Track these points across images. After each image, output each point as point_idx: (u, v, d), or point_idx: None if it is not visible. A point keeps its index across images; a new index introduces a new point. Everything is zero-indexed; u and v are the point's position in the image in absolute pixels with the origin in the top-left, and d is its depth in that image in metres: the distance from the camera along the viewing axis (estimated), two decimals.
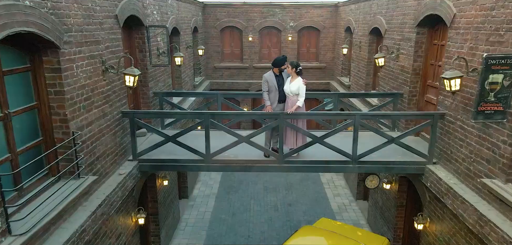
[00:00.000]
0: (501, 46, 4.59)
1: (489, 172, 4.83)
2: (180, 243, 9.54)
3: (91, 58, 5.13)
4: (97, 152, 5.32)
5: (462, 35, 5.50)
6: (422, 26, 7.09)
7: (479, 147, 5.05)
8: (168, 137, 6.43)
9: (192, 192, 12.31)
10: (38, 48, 4.24)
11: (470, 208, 4.91)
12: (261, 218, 10.78)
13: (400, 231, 8.19)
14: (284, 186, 12.85)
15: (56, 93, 4.46)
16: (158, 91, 8.19)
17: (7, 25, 3.41)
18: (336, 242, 7.15)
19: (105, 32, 5.54)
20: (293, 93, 6.32)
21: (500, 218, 4.46)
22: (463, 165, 5.45)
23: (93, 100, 5.21)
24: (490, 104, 4.48)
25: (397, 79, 8.13)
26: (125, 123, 6.33)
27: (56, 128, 4.56)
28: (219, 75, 15.59)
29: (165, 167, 6.79)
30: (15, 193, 3.92)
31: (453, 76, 4.94)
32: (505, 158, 4.52)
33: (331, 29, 14.92)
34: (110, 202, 5.31)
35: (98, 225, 4.91)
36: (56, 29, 4.21)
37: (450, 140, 5.84)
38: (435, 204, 6.18)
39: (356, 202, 11.60)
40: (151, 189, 8.16)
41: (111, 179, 5.70)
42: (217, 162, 6.51)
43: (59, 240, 4.02)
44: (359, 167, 6.49)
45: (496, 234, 4.38)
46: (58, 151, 4.57)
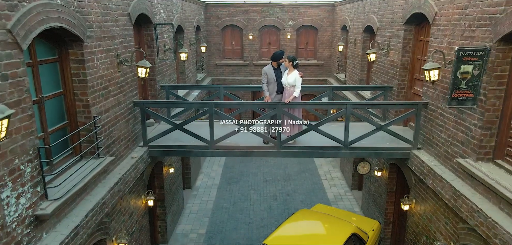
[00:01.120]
0: (473, 40, 5.18)
1: (463, 152, 5.43)
2: (184, 228, 10.14)
3: (108, 52, 5.72)
4: (113, 136, 5.91)
5: (442, 31, 6.09)
6: (409, 23, 7.67)
7: (455, 131, 5.65)
8: (175, 125, 7.02)
9: (195, 183, 12.91)
10: (65, 42, 4.83)
11: (447, 185, 5.50)
12: (260, 206, 11.37)
13: (390, 215, 8.78)
14: (283, 178, 13.45)
15: (79, 81, 5.05)
16: (164, 84, 8.78)
17: (44, 20, 4.00)
18: (331, 223, 7.76)
19: (119, 29, 6.13)
20: (290, 85, 6.92)
21: (471, 192, 5.06)
22: (442, 148, 6.05)
23: (110, 89, 5.80)
24: (462, 91, 5.07)
25: (387, 73, 8.72)
26: (136, 112, 6.92)
27: (79, 112, 5.16)
28: (220, 72, 16.19)
29: (173, 152, 7.36)
30: (47, 167, 4.51)
31: (432, 67, 5.53)
32: (476, 139, 5.12)
33: (328, 27, 15.52)
34: (125, 181, 5.91)
35: (115, 200, 5.51)
36: (81, 25, 4.81)
37: (432, 126, 6.44)
38: (420, 186, 6.77)
39: (351, 192, 12.19)
40: (158, 176, 8.75)
41: (125, 161, 6.30)
42: (220, 148, 7.10)
43: (85, 209, 4.62)
44: (350, 152, 7.09)
45: (466, 205, 4.97)
46: (80, 133, 5.17)
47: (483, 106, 4.97)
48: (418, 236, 6.88)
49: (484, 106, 4.96)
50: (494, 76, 4.83)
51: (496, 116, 4.93)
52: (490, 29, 4.79)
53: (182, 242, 9.48)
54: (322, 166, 14.47)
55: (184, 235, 9.83)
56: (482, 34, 4.98)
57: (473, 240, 5.00)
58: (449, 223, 5.68)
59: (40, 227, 3.94)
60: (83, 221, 4.48)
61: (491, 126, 4.98)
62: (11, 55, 3.49)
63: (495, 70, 4.81)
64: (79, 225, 4.38)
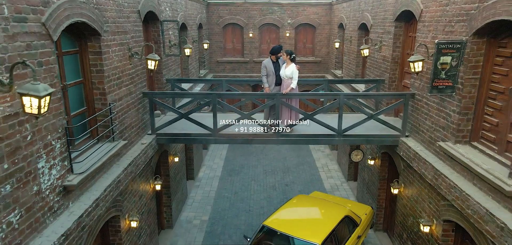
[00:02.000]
0: (452, 35, 5.73)
1: (444, 136, 5.98)
2: (188, 215, 10.69)
3: (121, 45, 6.27)
4: (125, 122, 6.46)
5: (427, 27, 6.64)
6: (399, 20, 8.22)
7: (437, 118, 6.20)
8: (181, 114, 7.57)
9: (197, 174, 13.46)
10: (84, 35, 5.38)
11: (429, 167, 6.06)
12: (260, 195, 11.92)
13: (382, 201, 9.33)
14: (282, 170, 14.00)
15: (97, 71, 5.60)
16: (170, 78, 9.33)
17: (70, 15, 4.55)
18: (326, 206, 8.32)
19: (130, 24, 6.68)
20: (288, 77, 7.47)
21: (449, 171, 5.61)
22: (427, 134, 6.60)
23: (123, 80, 6.35)
24: (442, 80, 5.62)
25: (380, 68, 9.27)
26: (145, 102, 7.47)
27: (97, 99, 5.71)
28: (221, 69, 16.74)
29: (179, 140, 7.91)
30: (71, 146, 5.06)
31: (416, 59, 6.08)
32: (454, 124, 5.67)
33: (326, 26, 16.07)
34: (136, 164, 6.47)
35: (128, 180, 6.06)
36: (99, 20, 5.36)
37: (418, 115, 6.99)
38: (408, 171, 7.32)
39: (347, 183, 12.74)
40: (164, 165, 9.30)
41: (135, 147, 6.85)
42: (223, 135, 7.64)
43: (104, 184, 5.18)
44: (344, 139, 7.64)
45: (445, 183, 5.53)
46: (97, 118, 5.71)
47: (461, 93, 5.52)
48: (406, 217, 7.43)
49: (461, 93, 5.51)
50: (469, 66, 5.38)
51: (472, 102, 5.48)
52: (466, 24, 5.34)
53: (186, 228, 10.02)
54: (319, 159, 15.02)
55: (188, 221, 10.38)
56: (460, 28, 5.53)
57: (452, 214, 5.56)
58: (432, 202, 6.23)
59: (67, 197, 4.49)
60: (102, 194, 5.03)
61: (467, 111, 5.53)
62: (44, 45, 4.04)
63: (471, 61, 5.36)
64: (99, 198, 4.93)
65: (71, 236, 4.22)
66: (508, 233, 4.12)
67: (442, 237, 5.97)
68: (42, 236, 3.92)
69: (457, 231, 5.89)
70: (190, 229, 9.99)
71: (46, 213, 4.07)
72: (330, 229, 7.20)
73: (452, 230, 5.92)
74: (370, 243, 9.16)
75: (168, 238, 9.48)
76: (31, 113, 3.22)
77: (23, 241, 3.68)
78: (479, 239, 4.86)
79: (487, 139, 5.35)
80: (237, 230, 9.83)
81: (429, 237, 6.35)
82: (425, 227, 6.27)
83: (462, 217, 5.23)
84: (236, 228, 9.97)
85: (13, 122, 3.52)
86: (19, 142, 3.63)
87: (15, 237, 3.57)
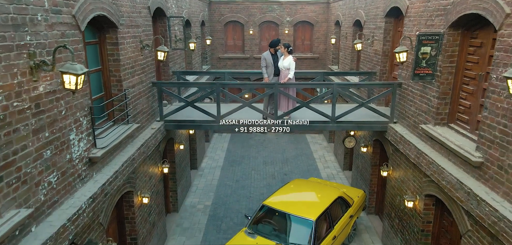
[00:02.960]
0: (432, 28, 6.38)
1: (426, 120, 6.64)
2: (192, 201, 11.35)
3: (134, 38, 6.92)
4: (138, 108, 7.12)
5: (412, 22, 7.30)
6: (389, 16, 8.87)
7: (420, 103, 6.85)
8: (187, 102, 8.23)
9: (200, 164, 14.12)
10: (103, 28, 6.03)
11: (413, 147, 6.72)
12: (260, 183, 12.58)
13: (374, 186, 9.99)
14: (281, 160, 14.66)
15: (114, 60, 6.26)
16: (176, 70, 9.99)
17: (93, 9, 5.20)
18: (321, 188, 8.99)
19: (142, 19, 7.34)
20: (285, 68, 8.13)
21: (429, 150, 6.27)
22: (411, 119, 7.26)
23: (135, 69, 7.01)
24: (422, 68, 6.27)
25: (372, 61, 9.93)
26: (154, 91, 8.12)
27: (113, 86, 6.37)
28: (223, 65, 17.38)
29: (185, 126, 8.57)
30: None
31: (401, 50, 6.74)
32: (434, 108, 6.32)
33: (323, 23, 16.72)
34: (147, 145, 7.12)
35: (141, 159, 6.72)
36: (116, 14, 6.01)
37: (404, 102, 7.64)
38: (395, 155, 7.97)
39: (343, 172, 13.40)
40: (170, 152, 9.95)
41: (146, 131, 7.51)
42: (226, 122, 8.29)
43: (121, 159, 5.85)
44: (337, 125, 8.29)
45: (425, 160, 6.18)
46: (113, 102, 6.37)
47: (439, 80, 6.17)
48: (394, 197, 8.08)
49: (439, 80, 6.16)
50: (446, 56, 6.03)
51: (449, 88, 6.14)
52: (443, 18, 6.00)
53: (191, 212, 10.68)
54: (317, 151, 15.69)
55: (192, 206, 11.04)
56: (439, 22, 6.18)
57: (432, 189, 6.21)
58: (415, 180, 6.89)
59: (92, 167, 5.14)
60: (120, 168, 5.69)
61: (445, 96, 6.19)
62: (74, 34, 4.69)
63: (448, 50, 6.01)
64: (118, 171, 5.59)
65: (97, 200, 4.88)
66: (473, 197, 4.78)
67: (424, 211, 6.63)
68: (74, 198, 4.58)
69: (437, 205, 6.54)
70: (195, 212, 10.65)
71: (76, 179, 4.73)
72: (324, 208, 7.86)
73: (432, 205, 6.58)
74: (362, 225, 9.82)
75: (174, 220, 10.14)
76: (69, 89, 3.87)
77: (59, 199, 4.34)
78: (452, 206, 5.52)
79: (462, 120, 6.01)
80: (239, 214, 10.48)
81: (413, 212, 7.01)
82: (409, 202, 6.93)
83: (439, 189, 5.89)
84: (238, 212, 10.62)
85: (52, 98, 4.17)
86: (56, 116, 4.28)
87: (53, 195, 4.22)
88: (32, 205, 3.82)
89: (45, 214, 4.06)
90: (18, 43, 3.61)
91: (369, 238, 9.27)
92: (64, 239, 4.06)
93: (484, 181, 4.85)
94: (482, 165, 4.88)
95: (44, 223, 3.98)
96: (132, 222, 6.90)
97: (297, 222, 7.60)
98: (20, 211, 3.55)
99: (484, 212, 4.55)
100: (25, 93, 3.71)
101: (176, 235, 9.49)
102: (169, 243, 9.11)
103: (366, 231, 9.59)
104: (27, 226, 3.72)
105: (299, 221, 7.57)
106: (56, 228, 3.93)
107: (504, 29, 4.48)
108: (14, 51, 3.55)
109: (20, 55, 3.64)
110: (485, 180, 4.83)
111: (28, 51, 3.75)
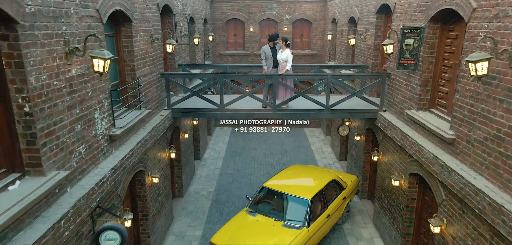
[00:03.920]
0: (415, 22, 7.07)
1: (410, 106, 7.33)
2: (196, 188, 12.04)
3: (146, 31, 7.61)
4: (148, 96, 7.81)
5: (399, 17, 7.98)
6: (380, 13, 9.55)
7: (405, 91, 7.54)
8: (193, 91, 8.92)
9: (203, 155, 14.82)
10: (119, 22, 6.72)
11: (398, 131, 7.41)
12: (260, 172, 13.27)
13: (367, 172, 10.69)
14: (280, 152, 15.36)
15: (128, 51, 6.95)
16: (181, 63, 10.67)
17: (113, 4, 5.89)
18: (316, 172, 9.69)
19: (152, 15, 8.02)
20: (283, 60, 8.82)
21: (412, 132, 6.96)
22: (398, 106, 7.95)
23: (146, 60, 7.69)
24: (406, 59, 6.96)
25: (365, 55, 10.62)
26: (162, 81, 8.80)
27: (127, 75, 7.05)
28: (224, 61, 18.05)
29: (190, 114, 9.25)
30: None
31: (388, 43, 7.43)
32: (417, 94, 7.01)
33: (321, 21, 17.41)
34: (157, 130, 7.81)
35: (152, 141, 7.41)
36: (131, 9, 6.69)
37: (392, 91, 8.33)
38: (385, 140, 8.66)
39: (339, 162, 14.09)
40: (176, 141, 10.64)
41: (156, 117, 8.20)
42: (228, 110, 8.98)
43: (136, 140, 6.54)
44: (331, 113, 8.98)
45: (409, 141, 6.88)
46: (128, 89, 7.05)
47: (421, 69, 6.86)
48: (383, 180, 8.77)
49: (421, 69, 6.85)
50: (427, 47, 6.72)
51: (429, 76, 6.83)
52: (424, 13, 6.68)
53: (195, 197, 11.38)
54: (315, 143, 16.39)
55: (196, 192, 11.73)
56: (421, 17, 6.87)
57: (415, 167, 6.90)
58: (401, 161, 7.58)
59: (112, 144, 5.84)
60: (135, 147, 6.38)
61: (426, 84, 6.88)
62: (98, 26, 5.38)
63: (428, 42, 6.70)
64: (133, 149, 6.28)
65: (117, 172, 5.57)
66: (446, 168, 5.47)
67: (408, 188, 7.32)
68: (98, 168, 5.27)
69: (420, 183, 7.23)
70: (199, 198, 11.35)
71: (99, 153, 5.42)
72: (319, 189, 8.56)
73: (416, 183, 7.27)
74: (356, 208, 10.52)
75: (180, 204, 10.84)
76: (98, 71, 4.56)
77: (87, 168, 5.03)
78: (431, 180, 6.21)
79: (441, 105, 6.71)
80: (240, 199, 11.17)
81: (399, 190, 7.70)
82: (396, 181, 7.62)
83: (420, 166, 6.58)
84: (239, 197, 11.31)
85: (81, 80, 4.86)
86: (84, 96, 4.97)
87: (83, 164, 4.91)
88: (68, 169, 4.51)
89: (77, 179, 4.75)
90: (57, 32, 4.30)
91: (361, 219, 9.97)
92: (92, 200, 4.75)
93: (456, 155, 5.54)
94: (454, 141, 5.57)
95: (76, 186, 4.67)
96: (144, 199, 7.59)
97: (294, 201, 8.29)
98: (59, 172, 4.24)
99: (453, 180, 5.24)
100: (62, 75, 4.40)
101: (182, 217, 10.19)
102: (175, 223, 9.81)
103: (359, 213, 10.29)
104: (64, 186, 4.41)
105: (296, 201, 8.26)
106: (86, 190, 4.62)
107: (472, 22, 5.16)
108: (54, 39, 4.24)
109: (58, 42, 4.33)
110: (456, 154, 5.52)
111: (64, 39, 4.44)
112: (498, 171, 4.55)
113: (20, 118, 3.86)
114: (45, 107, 4.07)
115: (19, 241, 3.48)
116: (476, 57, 4.23)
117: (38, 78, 3.94)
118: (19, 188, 3.78)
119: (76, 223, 4.34)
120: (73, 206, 4.24)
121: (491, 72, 4.58)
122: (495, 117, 4.60)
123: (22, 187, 3.81)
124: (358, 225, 9.73)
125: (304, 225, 7.76)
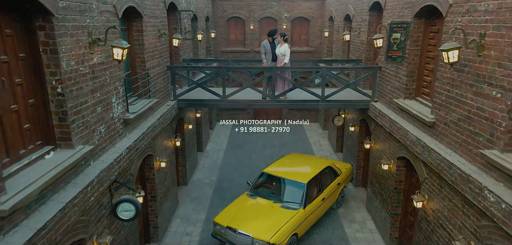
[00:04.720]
0: (403, 18, 7.70)
1: (398, 95, 7.95)
2: (199, 177, 12.68)
3: (154, 27, 8.23)
4: (156, 86, 8.44)
5: (388, 13, 8.60)
6: (372, 10, 10.18)
7: (394, 82, 8.17)
8: (197, 83, 9.55)
9: (205, 148, 15.45)
10: (131, 17, 7.34)
11: (387, 118, 8.04)
12: (260, 163, 13.89)
13: (361, 161, 11.32)
14: (279, 145, 15.98)
15: (139, 44, 7.57)
16: (186, 57, 11.31)
17: (126, 1, 6.50)
18: (313, 160, 10.31)
19: (159, 11, 8.65)
20: (282, 54, 9.45)
21: (399, 119, 7.60)
22: (388, 96, 8.58)
23: (155, 53, 8.32)
24: (394, 51, 7.59)
25: (359, 50, 11.25)
26: (168, 74, 9.43)
27: (138, 66, 7.68)
28: (225, 58, 18.66)
29: (195, 104, 9.89)
30: None
31: (378, 37, 8.06)
32: (404, 84, 7.64)
33: (319, 19, 18.03)
34: (165, 118, 8.44)
35: (160, 128, 8.04)
36: (141, 5, 7.32)
37: (383, 83, 8.95)
38: (376, 129, 9.29)
39: (336, 154, 14.72)
40: (180, 130, 11.27)
41: (163, 106, 8.83)
42: (230, 101, 9.61)
43: (146, 125, 7.18)
44: (326, 103, 9.61)
45: (396, 127, 7.51)
46: (138, 79, 7.68)
47: (407, 61, 7.48)
48: (375, 166, 9.40)
49: (408, 61, 7.48)
50: (413, 41, 7.35)
51: (415, 67, 7.45)
52: (410, 9, 7.31)
53: (198, 185, 12.01)
54: (312, 137, 17.02)
55: (200, 181, 12.36)
56: (407, 13, 7.49)
57: (403, 152, 7.53)
58: (390, 147, 8.21)
59: (126, 128, 6.47)
60: (145, 131, 7.01)
61: (412, 74, 7.51)
62: (115, 20, 6.00)
63: (414, 36, 7.32)
64: (144, 133, 6.91)
65: (131, 151, 6.20)
66: (426, 148, 6.11)
67: (396, 171, 7.94)
68: (115, 147, 5.91)
69: (407, 167, 7.86)
70: (202, 186, 11.98)
71: (116, 134, 6.05)
72: (315, 174, 9.19)
73: (403, 166, 7.90)
74: (350, 195, 11.15)
75: (184, 191, 11.47)
76: (117, 59, 5.19)
77: (106, 146, 5.66)
78: (415, 162, 6.84)
79: (425, 93, 7.34)
80: (241, 186, 11.78)
81: (388, 174, 8.33)
82: (385, 165, 8.25)
83: (406, 150, 7.21)
84: (240, 185, 11.92)
85: (101, 68, 5.49)
86: (104, 82, 5.60)
87: (103, 142, 5.55)
88: (91, 145, 5.14)
89: (98, 155, 5.39)
90: (82, 24, 4.93)
91: (355, 205, 10.60)
92: (112, 174, 5.39)
93: (435, 137, 6.17)
94: (434, 124, 6.21)
95: (98, 161, 5.31)
96: (152, 182, 8.22)
97: (291, 185, 8.92)
98: (85, 146, 4.87)
99: (432, 158, 5.87)
100: (86, 61, 5.03)
101: (186, 202, 10.82)
102: (180, 207, 10.45)
103: (353, 199, 10.92)
104: (88, 160, 5.05)
105: (293, 184, 8.89)
106: (107, 164, 5.26)
107: (449, 16, 5.78)
108: (80, 30, 4.87)
109: (83, 33, 4.96)
110: (436, 136, 6.15)
111: (88, 30, 5.07)
112: (468, 147, 5.18)
113: (53, 98, 4.49)
114: (73, 89, 4.70)
115: (56, 199, 4.11)
116: (447, 46, 4.86)
117: (68, 63, 4.56)
118: (54, 157, 4.41)
119: (99, 191, 4.97)
120: (97, 176, 4.87)
121: (463, 60, 5.21)
122: (466, 100, 5.23)
123: (56, 157, 4.44)
124: (352, 209, 10.36)
125: (300, 206, 8.39)
